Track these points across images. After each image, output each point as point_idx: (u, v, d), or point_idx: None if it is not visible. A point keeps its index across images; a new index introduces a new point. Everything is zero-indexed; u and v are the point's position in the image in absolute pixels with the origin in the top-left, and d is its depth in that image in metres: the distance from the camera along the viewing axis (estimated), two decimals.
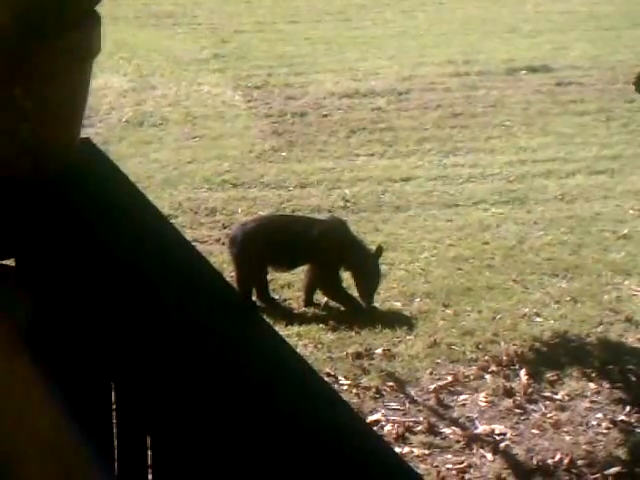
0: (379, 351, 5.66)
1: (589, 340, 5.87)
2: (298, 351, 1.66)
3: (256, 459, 1.21)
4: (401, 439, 4.88)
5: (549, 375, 5.48)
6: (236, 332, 1.48)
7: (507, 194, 7.96)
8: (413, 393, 5.30)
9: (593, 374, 5.49)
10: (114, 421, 1.61)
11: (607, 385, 5.39)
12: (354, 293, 6.30)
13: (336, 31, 13.26)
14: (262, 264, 6.28)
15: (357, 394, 5.25)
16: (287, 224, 6.62)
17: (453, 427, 5.00)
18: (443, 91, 10.62)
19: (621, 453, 4.86)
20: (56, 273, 1.73)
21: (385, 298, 6.30)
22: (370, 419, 4.97)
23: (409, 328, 5.91)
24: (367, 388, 5.31)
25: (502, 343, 5.75)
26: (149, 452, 1.47)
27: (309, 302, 6.29)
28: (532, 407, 5.21)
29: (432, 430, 4.97)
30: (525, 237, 7.18)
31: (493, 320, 6.01)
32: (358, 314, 6.10)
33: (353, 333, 5.87)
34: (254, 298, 6.23)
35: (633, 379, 5.49)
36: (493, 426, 5.02)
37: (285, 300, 6.35)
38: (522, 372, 5.47)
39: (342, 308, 6.27)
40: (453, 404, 5.22)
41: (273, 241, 6.26)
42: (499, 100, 10.32)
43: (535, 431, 5.00)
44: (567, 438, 4.94)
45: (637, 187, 8.13)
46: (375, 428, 4.80)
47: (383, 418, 5.06)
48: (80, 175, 1.83)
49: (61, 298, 1.70)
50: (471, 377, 5.43)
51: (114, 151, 7.97)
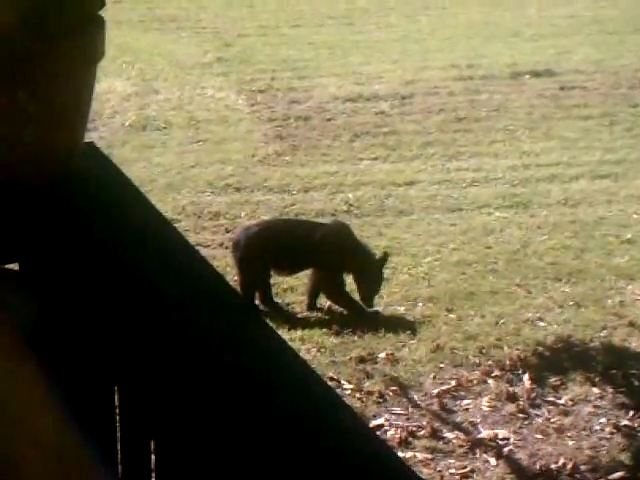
0: (382, 355, 5.66)
1: (592, 345, 5.86)
2: (301, 355, 1.66)
3: (259, 463, 1.21)
4: (404, 444, 4.88)
5: (552, 380, 5.47)
6: (239, 336, 1.48)
7: (510, 198, 7.95)
8: (416, 397, 5.29)
9: (596, 379, 5.48)
10: (117, 424, 1.61)
11: (610, 390, 5.39)
12: (357, 297, 6.30)
13: (339, 35, 13.27)
14: (265, 268, 6.28)
15: (360, 398, 5.24)
16: (290, 228, 6.62)
17: (456, 432, 5.00)
18: (446, 95, 10.62)
19: (624, 458, 4.85)
20: (59, 277, 1.73)
21: (388, 302, 6.30)
22: (373, 423, 4.96)
23: (412, 332, 5.91)
24: (370, 392, 5.30)
25: (505, 348, 5.75)
26: (152, 456, 1.47)
27: (312, 306, 6.29)
28: (535, 412, 5.20)
29: (435, 435, 4.96)
30: (529, 241, 7.18)
31: (496, 325, 6.01)
32: (361, 318, 6.10)
33: (356, 337, 5.86)
34: (257, 302, 6.23)
35: (636, 384, 5.49)
36: (496, 431, 5.02)
37: (288, 304, 6.35)
38: (525, 377, 5.47)
39: (345, 312, 6.26)
40: (456, 409, 5.21)
41: (276, 245, 6.26)
42: (502, 104, 10.32)
43: (538, 436, 5.00)
44: (570, 443, 4.94)
45: None
46: (378, 433, 4.79)
47: (386, 423, 5.06)
48: (83, 179, 1.83)
49: (64, 301, 1.70)
50: (474, 382, 5.43)
51: (117, 155, 7.98)
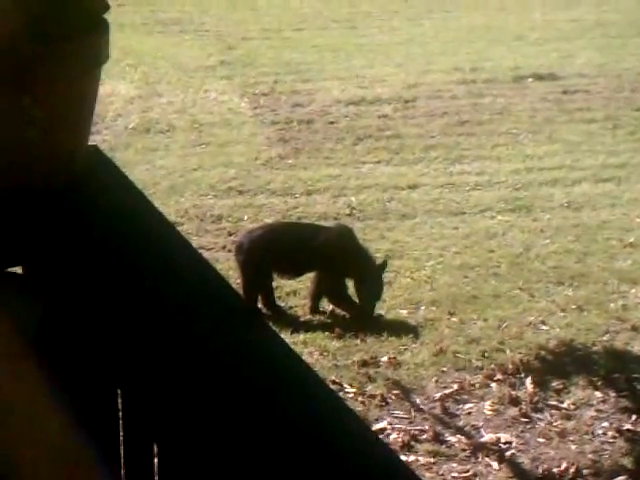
0: (385, 359, 5.65)
1: (595, 349, 5.85)
2: (304, 359, 1.66)
3: (261, 466, 1.21)
4: (407, 447, 4.88)
5: (555, 384, 5.46)
6: (242, 339, 1.48)
7: (513, 202, 7.95)
8: (419, 401, 5.29)
9: (599, 383, 5.48)
10: (120, 427, 1.61)
11: (613, 394, 5.38)
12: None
13: (343, 38, 13.27)
14: (268, 271, 6.28)
15: (363, 402, 5.24)
16: (293, 231, 6.62)
17: (459, 435, 4.99)
18: (449, 99, 10.62)
19: (627, 462, 4.84)
20: (63, 279, 1.73)
21: (391, 306, 6.29)
22: (376, 427, 4.96)
23: (415, 336, 5.90)
24: (373, 396, 5.30)
25: (508, 351, 5.75)
26: (155, 459, 1.47)
27: (315, 310, 6.29)
28: (538, 416, 5.20)
29: (438, 438, 4.96)
30: (531, 245, 7.17)
31: (499, 328, 6.01)
32: (364, 322, 6.10)
33: (359, 341, 5.86)
34: (260, 305, 6.23)
35: (639, 388, 5.48)
36: (499, 435, 5.01)
37: (291, 307, 6.35)
38: (528, 380, 5.46)
39: (348, 316, 6.26)
40: (459, 412, 5.21)
41: (279, 248, 6.26)
42: (506, 108, 10.32)
43: (541, 440, 4.99)
44: (573, 447, 4.93)
45: None
46: (381, 436, 4.79)
47: (389, 426, 5.05)
48: (87, 182, 1.83)
49: (68, 304, 1.71)
50: (477, 385, 5.42)
51: (120, 158, 7.98)
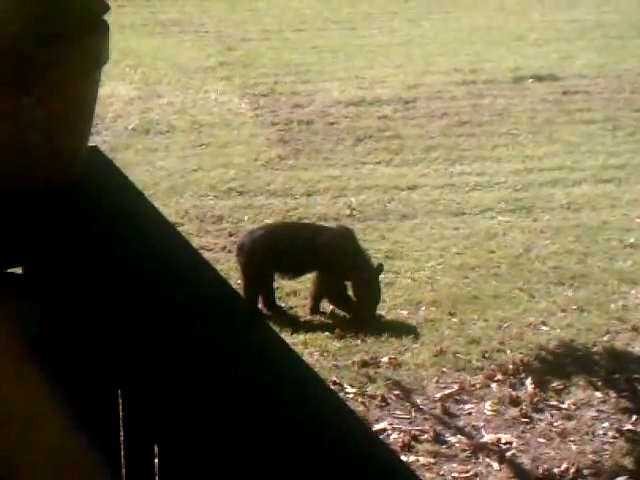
0: (385, 359, 5.65)
1: (595, 349, 5.85)
2: (304, 359, 1.66)
3: (262, 467, 1.21)
4: (407, 448, 4.88)
5: (555, 384, 5.46)
6: (242, 339, 1.48)
7: (513, 203, 7.95)
8: (419, 402, 5.29)
9: (599, 383, 5.48)
10: (121, 428, 1.61)
11: (613, 394, 5.38)
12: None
13: (342, 39, 13.27)
14: (269, 272, 6.28)
15: (363, 402, 5.24)
16: (294, 232, 6.62)
17: (459, 436, 4.99)
18: (449, 99, 10.62)
19: (627, 463, 4.84)
20: (63, 280, 1.73)
21: (391, 306, 6.29)
22: (376, 428, 4.96)
23: (415, 336, 5.90)
24: (373, 397, 5.30)
25: (508, 352, 5.75)
26: (156, 460, 1.47)
27: (315, 310, 6.29)
28: (538, 416, 5.20)
29: (438, 439, 4.96)
30: (531, 246, 7.17)
31: (499, 329, 6.01)
32: (364, 322, 6.10)
33: (359, 341, 5.86)
34: (260, 306, 6.23)
35: (639, 388, 5.48)
36: (499, 435, 5.01)
37: (291, 308, 6.35)
38: (528, 381, 5.46)
39: (348, 316, 6.26)
40: (459, 413, 5.21)
41: (280, 249, 6.26)
42: (505, 109, 10.32)
43: (541, 440, 4.99)
44: (573, 447, 4.93)
45: None
46: (381, 437, 4.79)
47: (389, 427, 5.05)
48: (87, 183, 1.83)
49: (68, 305, 1.71)
50: (477, 386, 5.42)
51: (120, 159, 7.99)
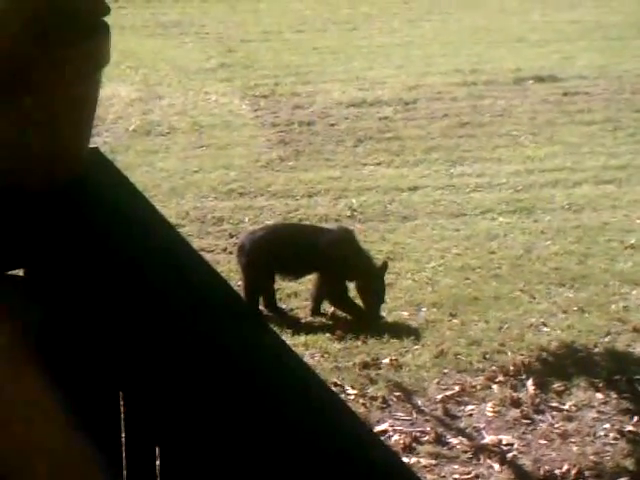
0: (386, 361, 5.65)
1: (596, 350, 5.85)
2: (305, 361, 1.66)
3: (263, 468, 1.21)
4: (408, 449, 4.88)
5: (556, 385, 5.46)
6: (243, 341, 1.48)
7: (514, 204, 7.95)
8: (420, 403, 5.29)
9: (600, 384, 5.47)
10: (122, 430, 1.61)
11: (614, 395, 5.38)
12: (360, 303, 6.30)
13: (343, 40, 13.28)
14: (270, 273, 6.28)
15: (364, 404, 5.24)
16: (295, 233, 6.62)
17: (460, 437, 4.99)
18: (450, 100, 10.62)
19: (629, 464, 4.84)
20: (65, 282, 1.73)
21: (392, 308, 6.29)
22: (377, 429, 4.96)
23: (416, 338, 5.90)
24: (374, 398, 5.30)
25: (509, 353, 5.74)
26: (157, 461, 1.47)
27: (316, 311, 6.28)
28: (539, 417, 5.19)
29: (439, 440, 4.96)
30: (532, 247, 7.17)
31: (500, 330, 6.00)
32: (365, 324, 6.10)
33: (360, 343, 5.86)
34: (261, 307, 6.23)
35: None
36: (500, 436, 5.01)
37: (292, 309, 6.35)
38: (529, 382, 5.46)
39: (349, 318, 6.26)
40: (460, 414, 5.21)
41: (281, 250, 6.26)
42: (506, 110, 10.32)
43: (542, 441, 4.99)
44: (574, 449, 4.93)
45: None
46: (382, 438, 4.79)
47: (390, 428, 5.05)
48: (88, 184, 1.83)
49: (70, 307, 1.71)
50: (478, 387, 5.42)
51: (121, 160, 7.99)
